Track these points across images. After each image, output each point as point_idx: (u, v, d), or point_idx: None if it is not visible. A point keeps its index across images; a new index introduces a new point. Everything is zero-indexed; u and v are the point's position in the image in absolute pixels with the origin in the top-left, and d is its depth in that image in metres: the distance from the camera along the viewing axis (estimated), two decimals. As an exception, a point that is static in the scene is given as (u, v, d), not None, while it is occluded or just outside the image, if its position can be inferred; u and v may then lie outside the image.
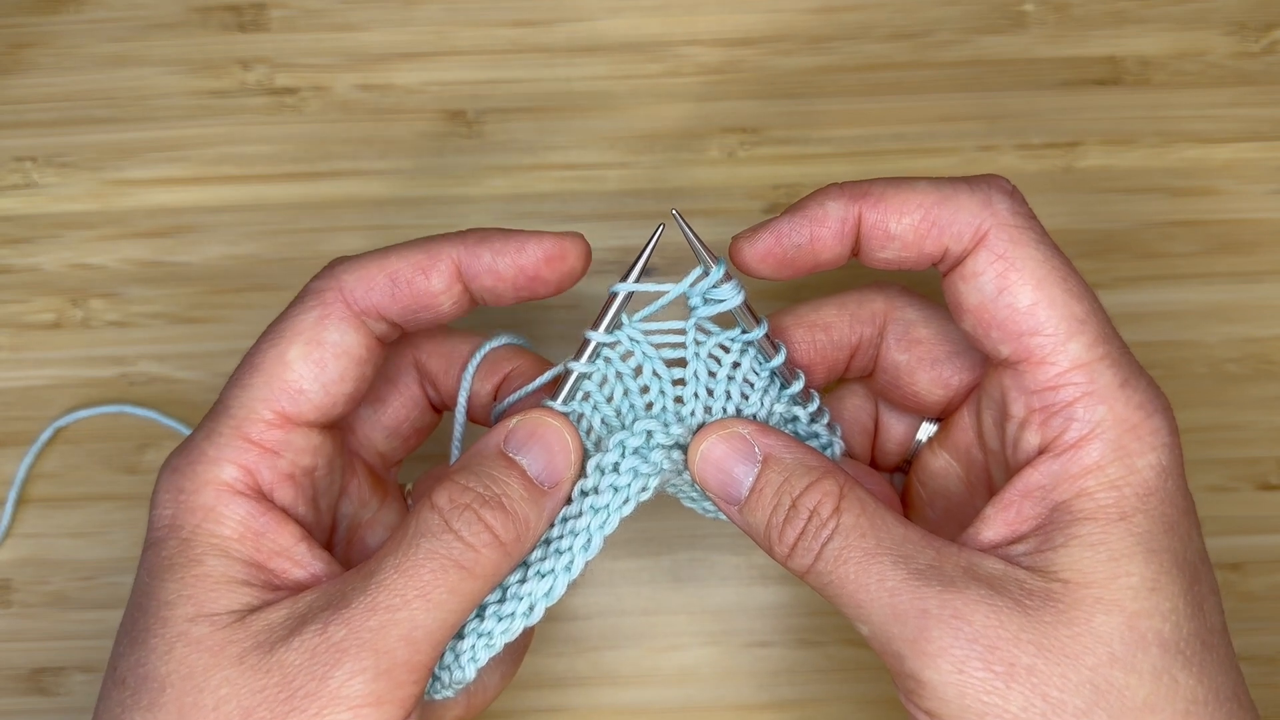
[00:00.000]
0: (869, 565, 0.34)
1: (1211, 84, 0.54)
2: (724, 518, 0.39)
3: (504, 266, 0.37)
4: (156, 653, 0.34)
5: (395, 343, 0.40)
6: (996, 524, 0.35)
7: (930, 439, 0.43)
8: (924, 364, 0.41)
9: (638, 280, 0.38)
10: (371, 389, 0.41)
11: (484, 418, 0.42)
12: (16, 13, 0.55)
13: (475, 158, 0.54)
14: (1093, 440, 0.34)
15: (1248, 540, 0.52)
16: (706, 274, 0.38)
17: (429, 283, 0.37)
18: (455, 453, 0.42)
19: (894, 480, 0.45)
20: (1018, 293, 0.35)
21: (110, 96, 0.54)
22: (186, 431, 0.52)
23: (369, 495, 0.42)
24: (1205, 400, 0.52)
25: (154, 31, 0.55)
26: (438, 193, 0.54)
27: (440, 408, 0.44)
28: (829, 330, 0.41)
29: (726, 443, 0.38)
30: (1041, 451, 0.35)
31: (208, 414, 0.37)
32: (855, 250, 0.38)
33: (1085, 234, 0.53)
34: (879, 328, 0.41)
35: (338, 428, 0.40)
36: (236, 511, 0.36)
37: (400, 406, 0.43)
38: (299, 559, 0.36)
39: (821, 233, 0.37)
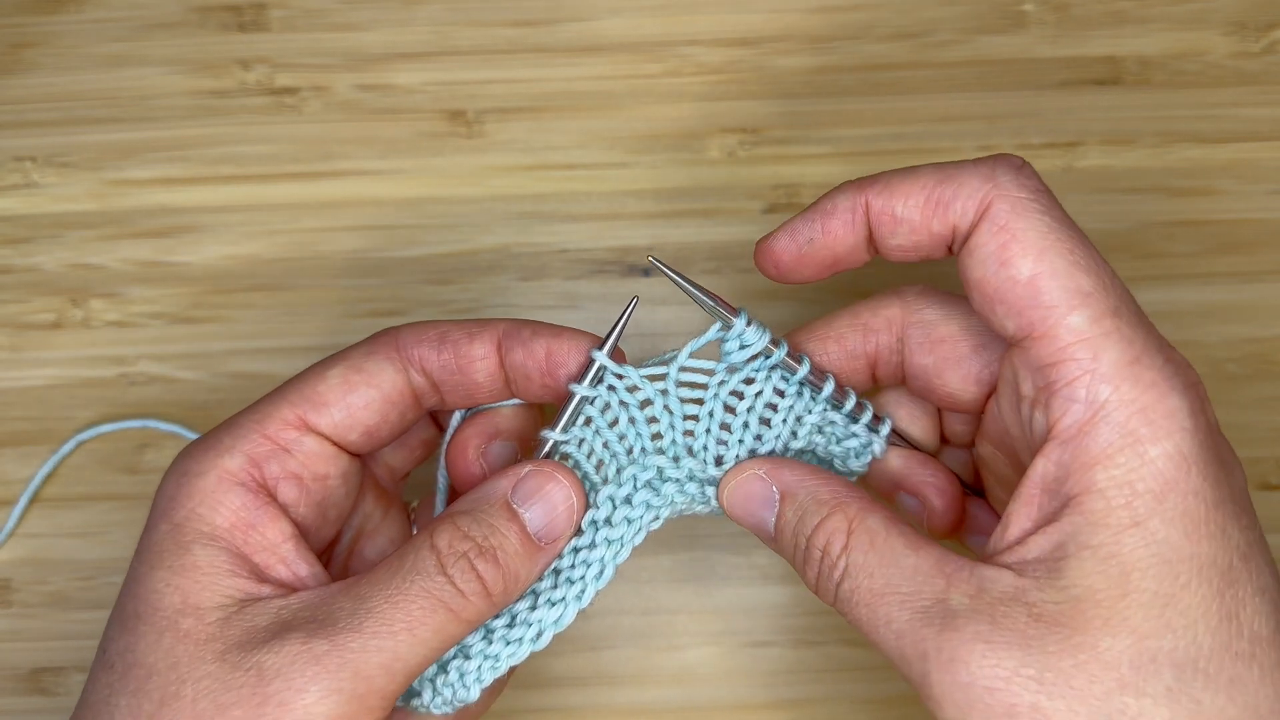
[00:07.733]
0: (877, 608, 0.34)
1: (1211, 84, 0.54)
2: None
3: (537, 346, 0.39)
4: (145, 640, 0.35)
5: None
6: (1020, 519, 0.35)
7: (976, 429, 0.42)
8: (949, 363, 0.40)
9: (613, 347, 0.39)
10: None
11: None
12: (16, 13, 0.55)
13: (475, 158, 0.54)
14: (1097, 424, 0.33)
15: (1248, 540, 0.52)
16: (727, 327, 0.39)
17: (471, 347, 0.39)
18: (439, 505, 0.43)
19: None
20: (1018, 264, 0.34)
21: (110, 96, 0.54)
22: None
23: (373, 507, 0.43)
24: (1205, 400, 0.52)
25: (154, 31, 0.55)
26: (438, 193, 0.54)
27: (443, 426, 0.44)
28: (841, 341, 0.41)
29: (745, 486, 0.39)
30: (1049, 435, 0.34)
31: (238, 412, 0.39)
32: (872, 245, 0.38)
33: (1085, 234, 0.53)
34: (896, 334, 0.41)
35: (358, 456, 0.41)
36: (233, 500, 0.37)
37: None
38: (284, 556, 0.37)
39: (832, 224, 0.38)
